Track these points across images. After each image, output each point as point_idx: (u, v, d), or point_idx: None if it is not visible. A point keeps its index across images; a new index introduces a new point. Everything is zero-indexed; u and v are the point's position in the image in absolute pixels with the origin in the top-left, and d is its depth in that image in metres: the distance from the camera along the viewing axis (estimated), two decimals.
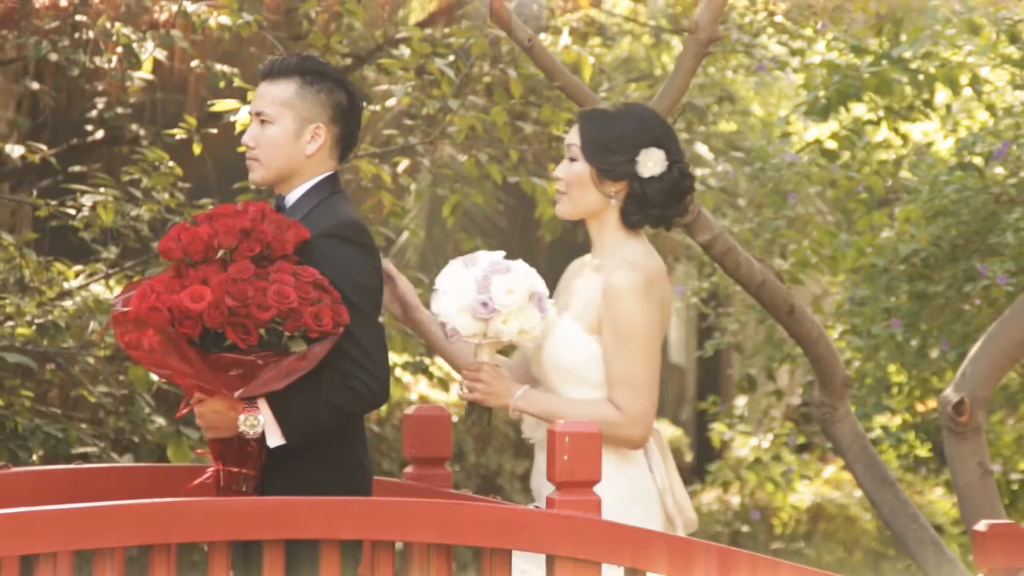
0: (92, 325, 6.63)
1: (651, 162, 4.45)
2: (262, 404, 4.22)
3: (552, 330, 4.39)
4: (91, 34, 6.78)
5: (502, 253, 4.36)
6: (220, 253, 4.18)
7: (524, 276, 4.28)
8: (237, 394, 4.15)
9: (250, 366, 4.13)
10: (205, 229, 4.19)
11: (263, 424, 4.22)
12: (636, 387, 4.41)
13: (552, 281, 4.56)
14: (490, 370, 4.35)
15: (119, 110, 8.25)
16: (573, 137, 4.51)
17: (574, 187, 4.48)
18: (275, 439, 4.24)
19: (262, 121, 4.43)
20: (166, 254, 4.19)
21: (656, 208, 4.47)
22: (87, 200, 6.60)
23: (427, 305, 4.54)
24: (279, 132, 4.42)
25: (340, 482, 4.32)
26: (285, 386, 4.16)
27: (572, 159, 4.49)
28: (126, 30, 6.70)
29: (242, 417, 4.20)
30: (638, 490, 4.44)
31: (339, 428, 4.33)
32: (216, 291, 4.08)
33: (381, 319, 4.42)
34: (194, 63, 7.16)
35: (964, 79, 7.39)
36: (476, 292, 4.25)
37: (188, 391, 4.25)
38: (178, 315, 4.08)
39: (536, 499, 4.61)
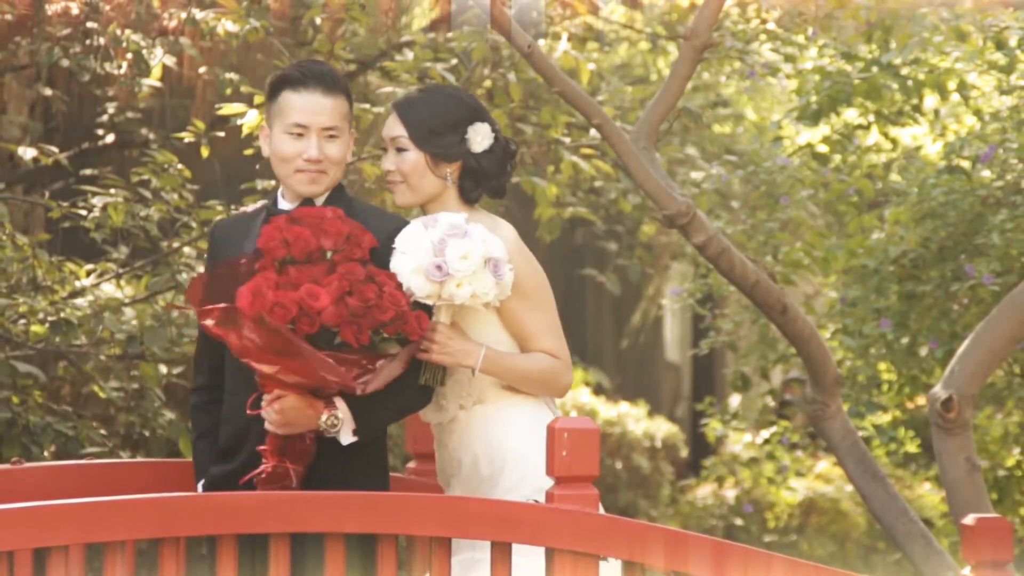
0: (102, 325, 6.63)
1: (480, 137, 4.48)
2: (340, 403, 4.23)
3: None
4: (102, 41, 6.78)
5: (464, 216, 4.31)
6: (329, 255, 4.19)
7: (480, 241, 4.25)
8: (359, 391, 4.16)
9: (361, 366, 4.14)
10: (305, 230, 4.19)
11: (342, 422, 4.24)
12: (558, 334, 4.46)
13: (554, 281, 4.57)
14: (445, 330, 4.31)
15: (129, 114, 8.25)
16: (396, 128, 4.48)
17: (412, 176, 4.47)
18: (348, 437, 4.26)
19: (331, 136, 4.40)
20: (270, 252, 4.18)
21: (492, 179, 4.51)
22: (98, 201, 6.60)
23: None
24: (344, 145, 4.44)
25: (373, 477, 4.37)
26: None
27: (401, 149, 4.48)
28: (136, 37, 6.70)
29: (325, 415, 4.21)
30: None
31: None
32: (336, 292, 4.10)
33: None
34: (202, 69, 7.16)
35: (952, 84, 7.39)
36: (432, 255, 4.21)
37: (267, 388, 4.22)
38: (300, 313, 4.09)
39: (445, 488, 4.58)
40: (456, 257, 4.22)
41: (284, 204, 4.45)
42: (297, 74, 4.40)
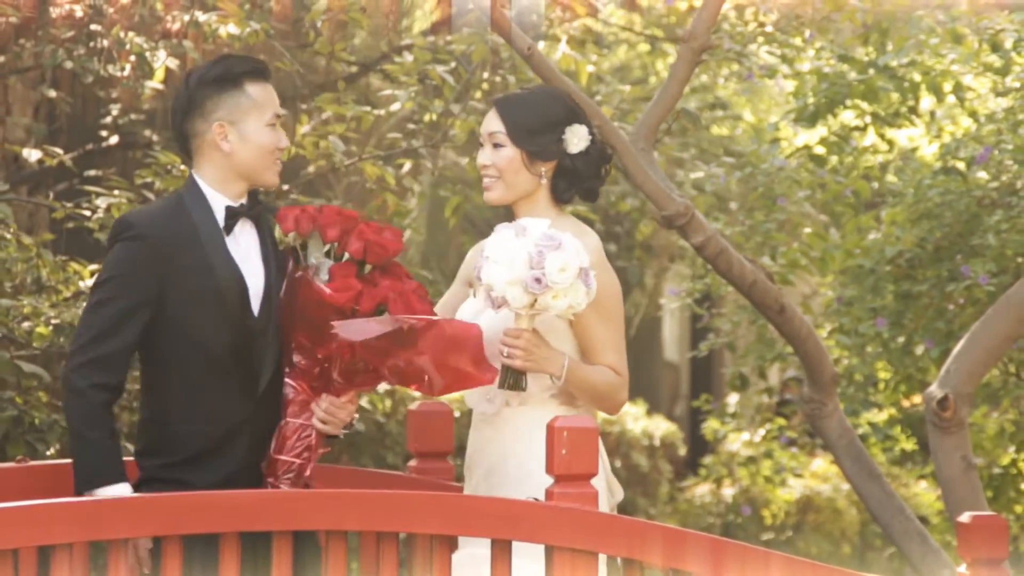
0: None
1: (576, 138, 4.46)
2: None
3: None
4: (105, 43, 6.78)
5: (547, 221, 4.30)
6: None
7: (575, 253, 4.23)
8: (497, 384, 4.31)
9: None
10: (389, 236, 4.30)
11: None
12: (622, 351, 4.44)
13: None
14: (531, 338, 4.28)
15: (132, 116, 8.25)
16: (495, 124, 4.47)
17: (507, 172, 4.45)
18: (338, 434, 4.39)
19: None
20: (390, 254, 4.29)
21: (586, 181, 4.50)
22: (102, 202, 6.61)
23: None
24: None
25: None
26: None
27: (498, 145, 4.46)
28: (139, 40, 6.71)
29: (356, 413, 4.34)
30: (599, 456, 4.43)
31: None
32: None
33: None
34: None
35: (948, 86, 7.39)
36: (529, 267, 4.19)
37: (342, 392, 4.26)
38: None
39: (466, 476, 4.57)
40: (555, 269, 4.19)
41: (226, 200, 4.34)
42: (260, 66, 4.39)
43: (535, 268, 4.19)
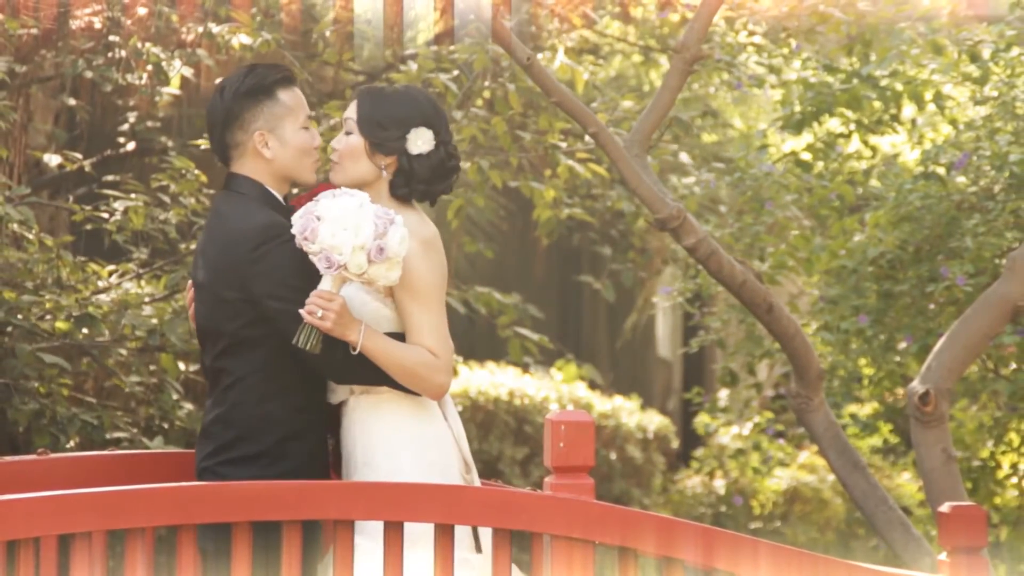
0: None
1: (420, 140, 4.46)
2: None
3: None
4: (123, 53, 6.78)
5: (366, 196, 4.30)
6: None
7: (404, 226, 4.26)
8: None
9: None
10: None
11: None
12: (442, 335, 4.37)
13: (552, 281, 4.58)
14: (343, 302, 4.26)
15: (149, 123, 8.26)
16: (351, 112, 4.49)
17: (347, 158, 4.46)
18: None
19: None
20: None
21: (422, 183, 4.48)
22: (119, 205, 6.62)
23: None
24: None
25: None
26: None
27: (348, 132, 4.48)
28: (155, 49, 6.71)
29: None
30: (439, 437, 4.41)
31: None
32: None
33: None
34: (218, 80, 7.17)
35: (928, 95, 7.39)
36: (374, 237, 4.19)
37: None
38: None
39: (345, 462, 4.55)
40: (396, 241, 4.21)
41: (280, 199, 4.47)
42: (288, 72, 4.45)
43: (379, 238, 4.19)
